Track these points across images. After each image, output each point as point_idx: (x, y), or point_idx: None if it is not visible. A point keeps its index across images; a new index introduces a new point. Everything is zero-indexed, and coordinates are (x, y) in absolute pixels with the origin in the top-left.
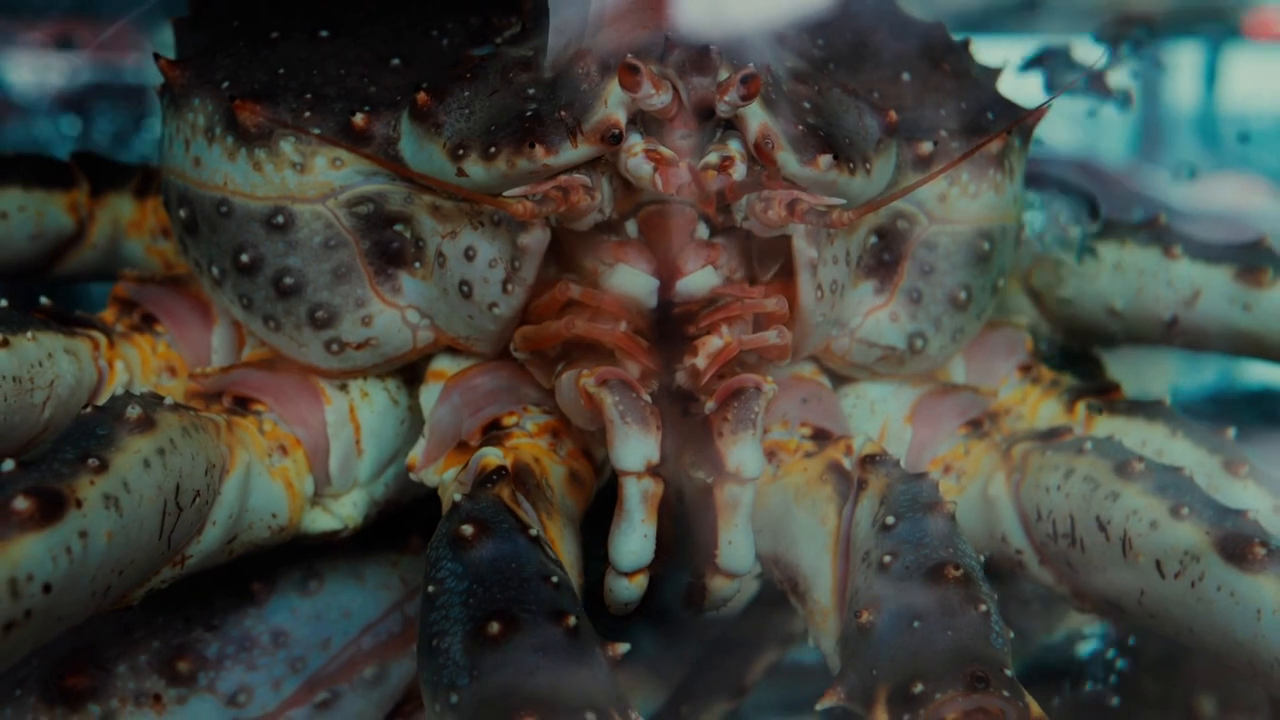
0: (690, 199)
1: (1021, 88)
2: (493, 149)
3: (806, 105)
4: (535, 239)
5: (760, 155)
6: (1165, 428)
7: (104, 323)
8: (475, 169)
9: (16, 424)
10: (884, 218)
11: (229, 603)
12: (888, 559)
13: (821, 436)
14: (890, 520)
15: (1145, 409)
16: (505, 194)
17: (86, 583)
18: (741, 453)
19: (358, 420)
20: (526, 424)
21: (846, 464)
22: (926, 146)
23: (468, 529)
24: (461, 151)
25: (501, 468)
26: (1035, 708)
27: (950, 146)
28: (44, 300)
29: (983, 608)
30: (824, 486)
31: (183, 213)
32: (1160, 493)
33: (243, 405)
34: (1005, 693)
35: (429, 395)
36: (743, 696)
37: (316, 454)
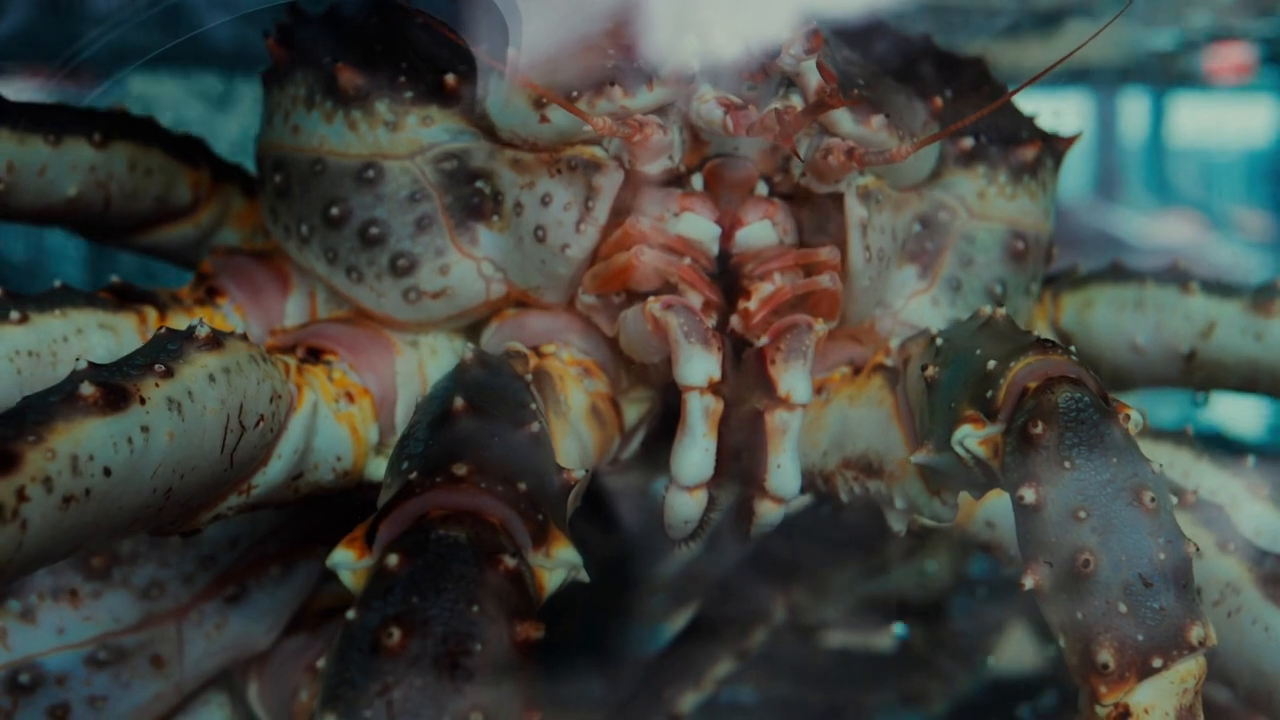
0: (755, 147)
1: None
2: (574, 93)
3: (860, 81)
4: (609, 179)
5: (819, 108)
6: (1191, 452)
7: (162, 297)
8: (557, 114)
9: None
10: (926, 207)
11: None
12: (940, 343)
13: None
14: (940, 341)
15: (1172, 435)
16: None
17: (147, 477)
18: (792, 379)
19: (425, 376)
20: (562, 354)
21: (889, 362)
22: (968, 142)
23: (469, 356)
24: (544, 99)
25: (524, 354)
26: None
27: (989, 150)
28: (114, 279)
29: (1036, 335)
30: (873, 380)
31: (278, 178)
32: (1208, 525)
33: (314, 355)
34: (1074, 357)
35: (487, 334)
36: None
37: (384, 403)
